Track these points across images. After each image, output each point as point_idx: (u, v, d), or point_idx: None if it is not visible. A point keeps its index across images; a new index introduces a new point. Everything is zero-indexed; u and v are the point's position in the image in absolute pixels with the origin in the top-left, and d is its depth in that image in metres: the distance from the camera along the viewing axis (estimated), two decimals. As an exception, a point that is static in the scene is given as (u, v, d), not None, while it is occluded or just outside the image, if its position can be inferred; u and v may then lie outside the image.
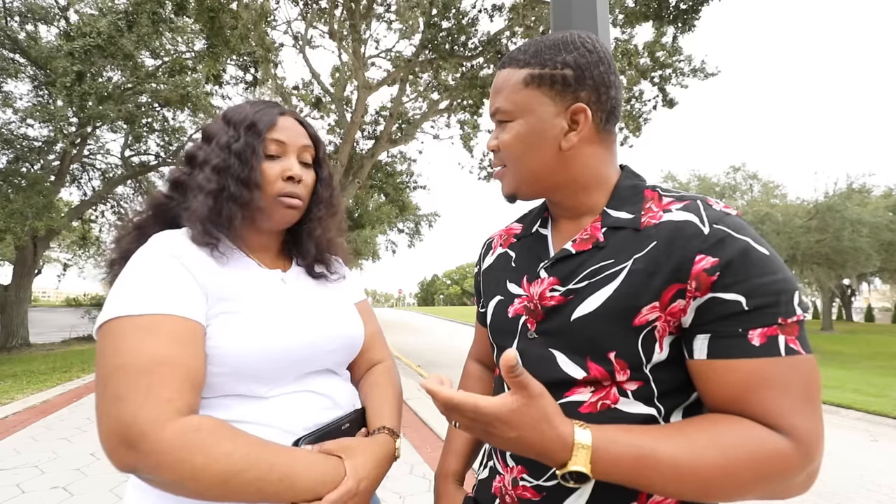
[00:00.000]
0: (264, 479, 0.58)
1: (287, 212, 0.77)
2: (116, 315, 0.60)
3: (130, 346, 0.58)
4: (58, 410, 4.85)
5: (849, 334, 21.62)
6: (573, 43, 0.65)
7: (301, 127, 0.81)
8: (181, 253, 0.67)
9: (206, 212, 0.71)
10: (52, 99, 9.52)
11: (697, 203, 0.61)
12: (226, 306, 0.68)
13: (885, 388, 7.78)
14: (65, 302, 30.19)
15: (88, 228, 14.36)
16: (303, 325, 0.74)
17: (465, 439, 0.85)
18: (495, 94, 0.69)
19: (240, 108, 0.80)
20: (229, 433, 0.59)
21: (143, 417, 0.54)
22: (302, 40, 10.65)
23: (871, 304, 40.10)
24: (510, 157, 0.69)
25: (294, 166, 0.77)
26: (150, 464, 0.54)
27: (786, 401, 0.52)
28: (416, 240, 19.14)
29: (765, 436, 0.51)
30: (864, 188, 19.46)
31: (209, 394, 0.66)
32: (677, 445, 0.52)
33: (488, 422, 0.51)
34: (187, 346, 0.61)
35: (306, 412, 0.71)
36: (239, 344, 0.65)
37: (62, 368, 7.41)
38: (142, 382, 0.56)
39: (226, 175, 0.73)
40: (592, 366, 0.60)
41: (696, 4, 7.31)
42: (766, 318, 0.53)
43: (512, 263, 0.76)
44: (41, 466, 3.30)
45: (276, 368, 0.69)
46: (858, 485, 3.48)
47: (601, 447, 0.51)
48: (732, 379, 0.54)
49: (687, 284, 0.56)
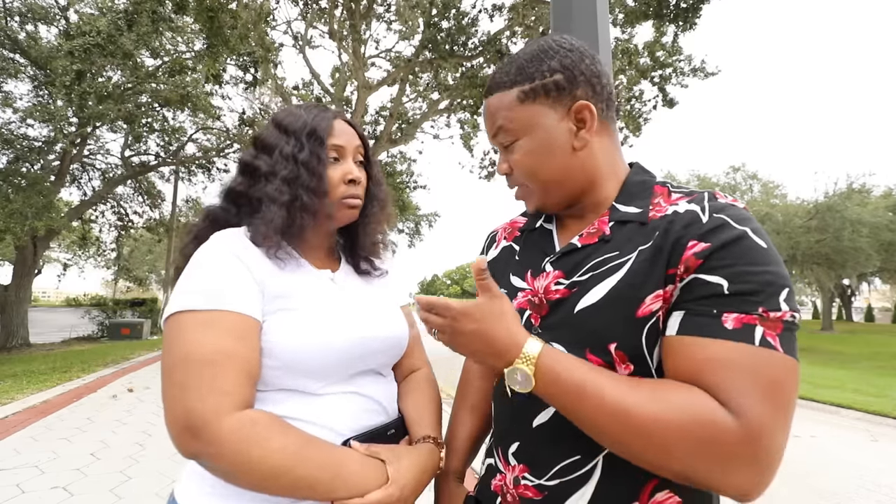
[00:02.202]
0: (316, 476, 0.61)
1: (349, 212, 0.81)
2: (181, 309, 0.64)
3: (193, 338, 0.62)
4: (58, 410, 4.85)
5: (849, 334, 21.63)
6: (551, 48, 0.66)
7: (352, 128, 0.84)
8: (241, 252, 0.70)
9: (282, 223, 0.73)
10: (51, 99, 9.51)
11: (703, 195, 0.61)
12: (282, 303, 0.70)
13: (885, 388, 7.79)
14: (65, 302, 30.23)
15: (88, 228, 14.35)
16: (353, 324, 0.76)
17: (464, 437, 0.85)
18: (492, 119, 0.69)
19: (293, 114, 0.81)
20: (284, 429, 0.62)
21: (205, 407, 0.58)
22: (302, 40, 10.66)
23: (871, 304, 40.10)
24: (526, 176, 0.69)
25: (354, 169, 0.80)
26: (210, 452, 0.57)
27: (741, 382, 0.49)
28: (416, 240, 19.13)
29: (709, 403, 0.49)
30: (864, 188, 19.48)
31: (262, 387, 0.68)
32: (620, 387, 0.52)
33: (454, 316, 0.58)
34: (245, 340, 0.64)
35: (354, 414, 0.73)
36: (293, 339, 0.68)
37: (62, 368, 7.41)
38: (204, 373, 0.60)
39: (296, 185, 0.75)
40: (591, 358, 0.59)
41: (696, 3, 7.31)
42: (745, 306, 0.51)
43: (516, 257, 0.76)
44: (41, 466, 3.30)
45: (327, 365, 0.71)
46: (858, 485, 3.48)
47: (547, 359, 0.55)
48: (697, 356, 0.52)
49: (677, 269, 0.56)
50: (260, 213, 0.75)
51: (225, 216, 0.79)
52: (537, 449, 0.64)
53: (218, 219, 0.79)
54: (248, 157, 0.80)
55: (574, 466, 0.60)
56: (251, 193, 0.77)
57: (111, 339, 12.79)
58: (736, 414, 0.48)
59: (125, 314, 14.66)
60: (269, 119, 0.84)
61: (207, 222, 0.80)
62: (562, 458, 0.61)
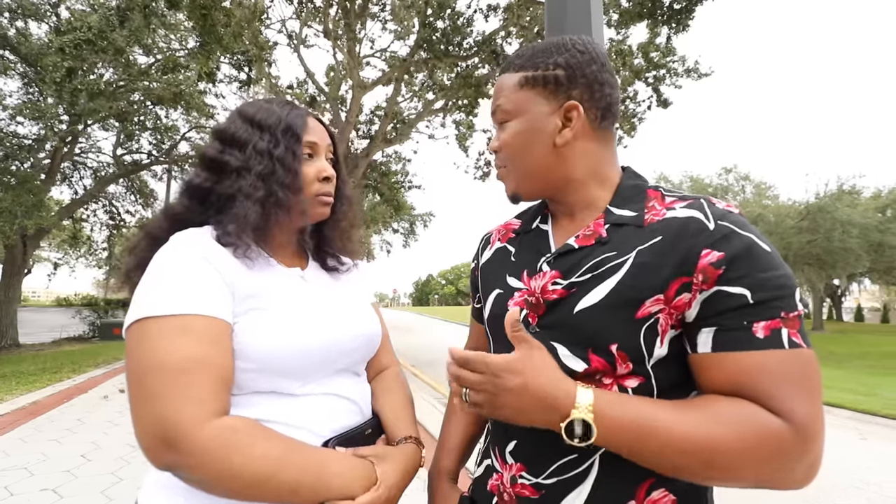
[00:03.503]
0: (299, 480, 0.59)
1: (323, 209, 0.81)
2: (147, 315, 0.60)
3: (163, 345, 0.59)
4: (48, 412, 4.79)
5: (839, 334, 21.87)
6: (565, 45, 0.68)
7: (323, 126, 0.83)
8: (207, 253, 0.67)
9: (256, 219, 0.71)
10: (42, 96, 9.40)
11: (701, 201, 0.63)
12: (253, 303, 0.69)
13: (874, 387, 7.88)
14: (55, 302, 29.86)
15: (80, 227, 14.21)
16: (327, 322, 0.75)
17: (458, 437, 0.85)
18: (496, 96, 0.72)
19: (264, 109, 0.78)
20: (264, 434, 0.61)
21: (181, 417, 0.55)
22: (296, 39, 10.60)
23: (860, 304, 40.58)
24: (510, 156, 0.71)
25: (328, 167, 0.80)
26: (189, 463, 0.55)
27: (785, 388, 0.52)
28: (410, 240, 19.09)
29: (762, 414, 0.52)
30: (854, 189, 19.69)
31: (237, 391, 0.66)
32: (680, 415, 0.53)
33: (495, 372, 0.55)
34: (218, 345, 0.62)
35: (332, 415, 0.72)
36: (267, 340, 0.66)
37: (52, 369, 7.33)
38: (177, 382, 0.57)
39: (271, 181, 0.73)
40: (594, 357, 0.60)
41: (689, 4, 7.36)
42: (769, 312, 0.54)
43: (511, 258, 0.77)
44: (30, 468, 3.26)
45: (304, 365, 0.70)
46: (848, 482, 3.52)
47: (603, 405, 0.53)
48: (735, 369, 0.54)
49: (693, 277, 0.57)
50: (229, 211, 0.72)
51: (187, 214, 0.75)
52: (534, 447, 0.64)
53: (179, 217, 0.75)
54: (213, 151, 0.75)
55: (571, 465, 0.61)
56: (219, 190, 0.74)
57: (102, 340, 12.66)
58: (788, 420, 0.51)
59: (117, 314, 14.48)
60: (232, 112, 0.81)
61: (166, 221, 0.75)
62: (559, 457, 0.61)
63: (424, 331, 19.75)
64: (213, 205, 0.74)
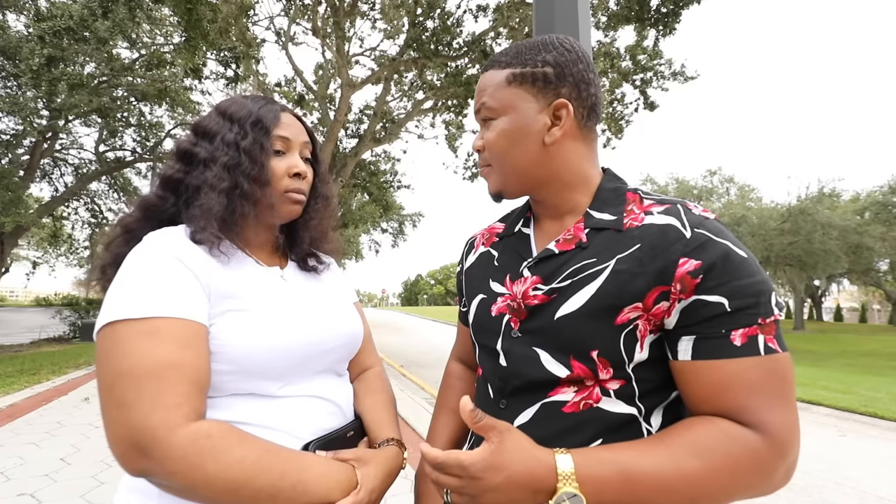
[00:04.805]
0: (277, 485, 0.58)
1: (293, 207, 0.79)
2: (118, 318, 0.59)
3: (135, 349, 0.57)
4: (25, 414, 4.66)
5: (819, 333, 22.41)
6: (552, 43, 0.68)
7: (300, 123, 0.82)
8: (182, 252, 0.66)
9: (221, 210, 0.70)
10: (21, 91, 9.15)
11: (678, 207, 0.63)
12: (232, 304, 0.67)
13: (852, 385, 8.08)
14: (34, 301, 29.12)
15: (60, 226, 13.86)
16: (307, 322, 0.74)
17: (445, 439, 0.85)
18: (479, 93, 0.71)
19: (238, 103, 0.78)
20: (240, 438, 0.59)
21: (154, 423, 0.54)
22: (284, 36, 10.49)
23: (840, 304, 41.64)
24: (495, 155, 0.70)
25: (299, 163, 0.78)
26: (163, 470, 0.54)
27: (760, 398, 0.53)
28: (399, 239, 19.05)
29: (739, 434, 0.53)
30: (834, 192, 20.20)
31: (215, 393, 0.64)
32: (658, 457, 0.53)
33: (474, 475, 0.51)
34: (192, 348, 0.60)
35: (313, 417, 0.71)
36: (246, 341, 0.65)
37: (30, 371, 7.13)
38: (149, 387, 0.55)
39: (236, 173, 0.72)
40: (576, 364, 0.61)
41: (676, 8, 7.47)
42: (746, 319, 0.55)
43: (495, 262, 0.77)
44: (7, 473, 3.17)
45: (284, 366, 0.69)
46: (827, 478, 3.60)
47: (584, 467, 0.52)
48: (714, 379, 0.55)
49: (671, 287, 0.57)
50: (197, 201, 0.71)
51: (161, 204, 0.74)
52: None
53: (153, 208, 0.74)
54: (186, 143, 0.76)
55: None
56: (188, 181, 0.73)
57: (84, 341, 12.36)
58: (762, 432, 0.53)
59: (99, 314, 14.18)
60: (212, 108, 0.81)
61: (140, 213, 0.74)
62: None
63: (413, 331, 19.73)
64: (184, 196, 0.73)
